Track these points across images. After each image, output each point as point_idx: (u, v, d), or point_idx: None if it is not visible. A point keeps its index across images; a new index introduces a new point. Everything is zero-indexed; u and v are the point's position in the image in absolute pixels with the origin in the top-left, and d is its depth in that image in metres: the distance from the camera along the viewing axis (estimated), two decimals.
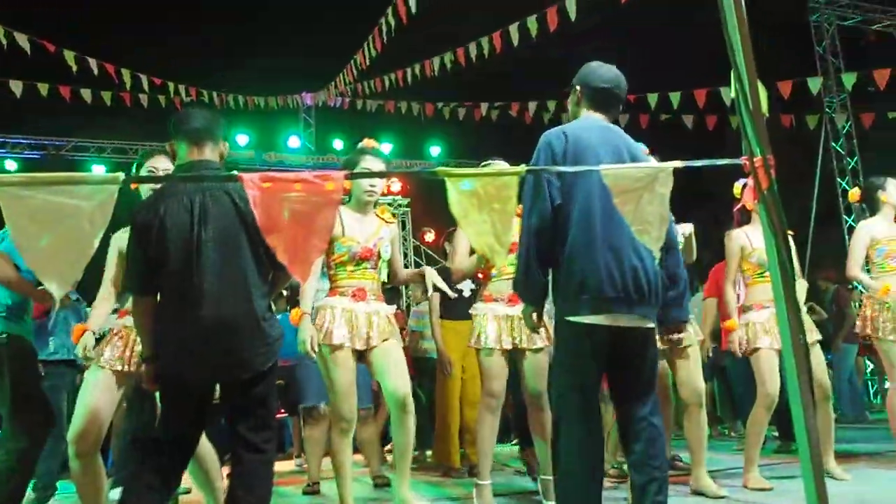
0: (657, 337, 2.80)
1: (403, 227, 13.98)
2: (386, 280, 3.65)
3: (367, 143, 3.68)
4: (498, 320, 3.63)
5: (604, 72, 2.74)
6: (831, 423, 4.16)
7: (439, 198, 1.92)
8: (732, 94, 1.96)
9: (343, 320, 3.33)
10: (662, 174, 1.90)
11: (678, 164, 1.92)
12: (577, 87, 2.77)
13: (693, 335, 3.87)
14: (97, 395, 3.01)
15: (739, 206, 4.36)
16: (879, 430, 6.12)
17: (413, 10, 7.51)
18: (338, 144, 13.03)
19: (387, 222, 3.62)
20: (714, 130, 10.08)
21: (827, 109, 13.29)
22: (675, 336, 3.69)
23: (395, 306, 4.51)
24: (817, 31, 13.77)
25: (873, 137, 13.56)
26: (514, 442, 6.56)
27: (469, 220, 1.77)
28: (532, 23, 7.59)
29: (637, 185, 1.89)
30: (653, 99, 9.09)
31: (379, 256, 3.49)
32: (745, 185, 4.31)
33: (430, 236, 13.57)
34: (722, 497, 3.65)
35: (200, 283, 2.34)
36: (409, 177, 17.35)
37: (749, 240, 4.19)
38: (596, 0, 6.95)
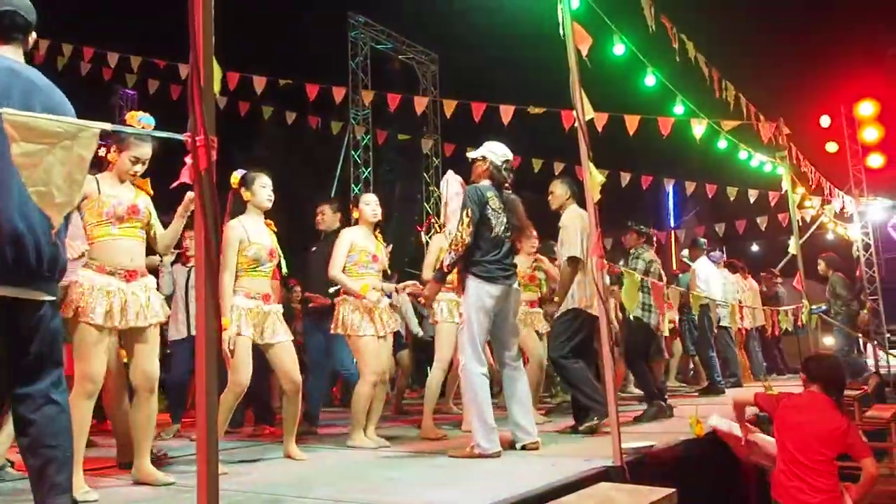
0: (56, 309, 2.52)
1: None
2: None
3: None
4: None
5: None
6: (297, 412, 4.38)
7: None
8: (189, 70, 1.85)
9: None
10: (86, 134, 1.68)
11: (104, 125, 1.72)
12: None
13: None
14: None
15: (231, 194, 4.35)
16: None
17: None
18: None
19: None
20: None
21: (352, 120, 14.54)
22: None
23: None
24: (353, 47, 15.01)
25: (384, 154, 15.28)
26: None
27: None
28: None
29: (47, 141, 1.64)
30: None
31: None
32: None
33: None
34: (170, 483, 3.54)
35: None
36: None
37: (247, 232, 4.19)
38: None
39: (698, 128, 7.53)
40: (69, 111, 2.38)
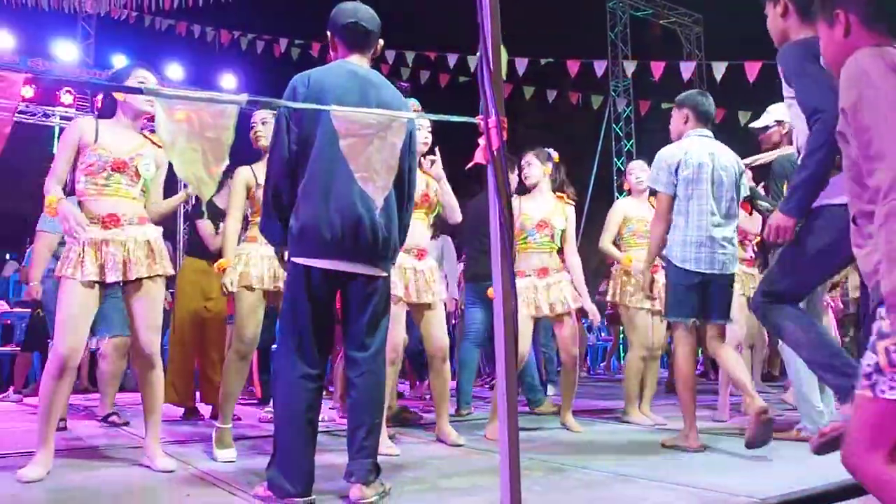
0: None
1: None
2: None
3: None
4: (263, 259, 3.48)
5: (346, 7, 2.61)
6: (575, 383, 4.46)
7: None
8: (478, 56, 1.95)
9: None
10: (396, 124, 1.85)
11: (413, 115, 1.87)
12: (329, 34, 2.65)
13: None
14: None
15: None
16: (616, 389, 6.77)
17: None
18: (120, 61, 11.79)
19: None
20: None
21: (612, 93, 14.26)
22: None
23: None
24: (611, 17, 14.67)
25: (647, 124, 14.75)
26: None
27: (177, 147, 1.60)
28: None
29: (367, 132, 1.82)
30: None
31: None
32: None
33: None
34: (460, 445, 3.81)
35: None
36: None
37: (520, 204, 4.37)
38: None
39: None
40: (402, 104, 2.54)
